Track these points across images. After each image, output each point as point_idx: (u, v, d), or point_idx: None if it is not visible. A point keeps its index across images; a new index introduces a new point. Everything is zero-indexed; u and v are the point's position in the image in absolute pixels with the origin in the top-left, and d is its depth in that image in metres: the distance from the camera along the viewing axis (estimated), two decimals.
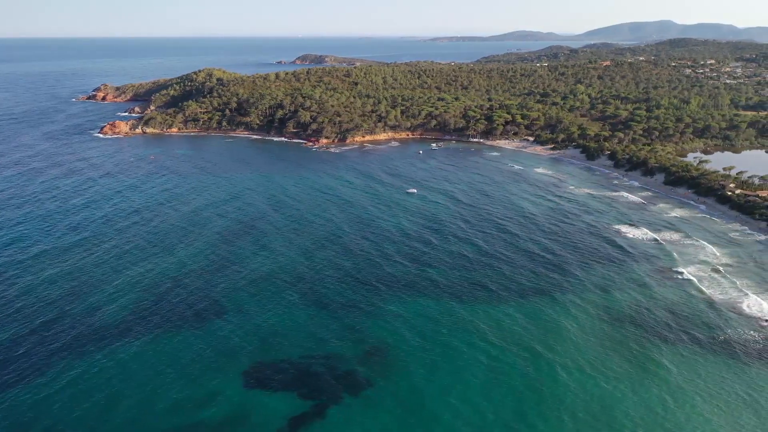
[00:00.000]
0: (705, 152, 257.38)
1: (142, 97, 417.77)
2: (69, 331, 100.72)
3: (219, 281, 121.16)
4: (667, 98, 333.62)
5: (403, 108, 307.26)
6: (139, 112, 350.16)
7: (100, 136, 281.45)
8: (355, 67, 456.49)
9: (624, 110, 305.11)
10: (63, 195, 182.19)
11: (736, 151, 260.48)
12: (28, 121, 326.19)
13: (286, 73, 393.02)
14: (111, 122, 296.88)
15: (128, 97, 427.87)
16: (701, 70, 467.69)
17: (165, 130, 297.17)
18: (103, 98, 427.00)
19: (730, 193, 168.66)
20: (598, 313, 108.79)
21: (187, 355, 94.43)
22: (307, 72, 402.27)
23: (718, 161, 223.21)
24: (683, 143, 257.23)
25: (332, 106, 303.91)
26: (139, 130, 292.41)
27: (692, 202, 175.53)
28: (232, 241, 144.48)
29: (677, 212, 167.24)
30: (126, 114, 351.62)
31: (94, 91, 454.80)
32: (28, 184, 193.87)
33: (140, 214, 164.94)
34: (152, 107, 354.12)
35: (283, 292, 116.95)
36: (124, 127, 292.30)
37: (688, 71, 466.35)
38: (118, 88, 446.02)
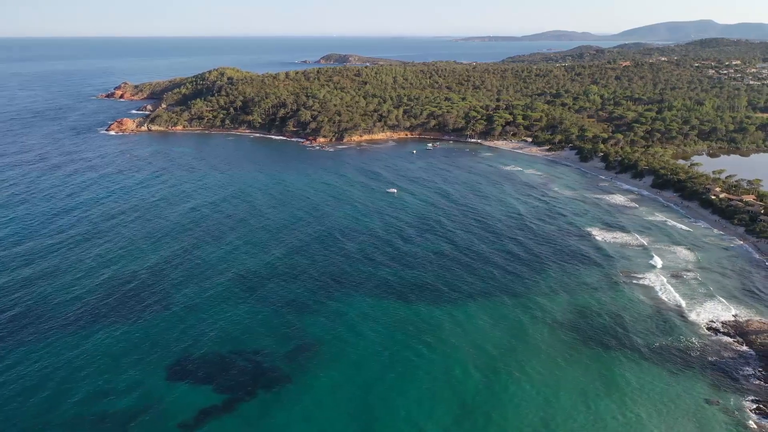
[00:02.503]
0: (711, 155, 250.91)
1: (159, 95, 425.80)
2: (29, 322, 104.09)
3: (180, 277, 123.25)
4: (681, 99, 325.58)
5: (407, 108, 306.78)
6: (150, 110, 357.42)
7: (106, 133, 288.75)
8: (366, 67, 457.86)
9: (632, 111, 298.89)
10: (54, 190, 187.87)
11: (744, 154, 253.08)
12: (43, 118, 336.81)
13: (296, 73, 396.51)
14: (119, 120, 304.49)
15: (145, 95, 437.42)
16: (725, 71, 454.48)
17: (170, 127, 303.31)
18: (121, 96, 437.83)
19: (714, 197, 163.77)
20: (547, 316, 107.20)
21: (125, 347, 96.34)
22: (318, 71, 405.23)
23: (722, 165, 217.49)
24: (686, 145, 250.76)
25: (335, 105, 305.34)
26: (144, 128, 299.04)
27: (674, 206, 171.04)
28: (197, 238, 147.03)
29: (657, 215, 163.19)
30: (138, 112, 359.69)
31: (114, 89, 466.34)
32: (22, 179, 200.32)
33: (119, 208, 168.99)
34: (163, 105, 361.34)
35: (236, 287, 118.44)
36: (130, 124, 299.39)
37: (711, 72, 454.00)
38: (136, 86, 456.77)
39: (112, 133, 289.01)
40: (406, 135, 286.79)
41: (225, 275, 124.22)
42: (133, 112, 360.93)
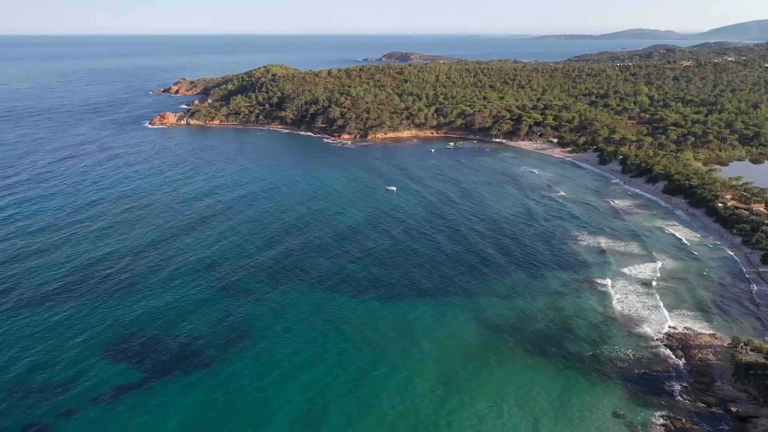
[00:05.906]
0: (753, 161, 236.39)
1: (210, 90, 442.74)
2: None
3: (159, 262, 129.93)
4: (735, 102, 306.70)
5: (439, 107, 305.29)
6: (197, 105, 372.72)
7: (149, 126, 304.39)
8: (408, 65, 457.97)
9: (675, 114, 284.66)
10: (82, 175, 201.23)
11: None
12: (97, 111, 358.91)
13: (339, 70, 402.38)
14: (161, 114, 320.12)
15: (198, 91, 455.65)
16: None
17: (207, 122, 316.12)
18: (177, 91, 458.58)
19: (720, 205, 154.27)
20: (499, 320, 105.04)
21: (80, 326, 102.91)
22: (360, 69, 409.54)
23: (764, 171, 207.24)
24: (722, 150, 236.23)
25: (366, 102, 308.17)
26: (184, 122, 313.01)
27: (680, 212, 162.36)
28: (198, 226, 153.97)
29: (657, 222, 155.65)
30: (185, 106, 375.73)
31: (173, 84, 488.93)
32: (56, 169, 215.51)
33: (131, 197, 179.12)
34: (209, 100, 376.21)
35: (206, 278, 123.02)
36: (171, 118, 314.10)
37: None
38: (191, 82, 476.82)
39: (153, 126, 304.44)
40: (432, 133, 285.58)
41: (203, 265, 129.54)
42: (182, 106, 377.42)
